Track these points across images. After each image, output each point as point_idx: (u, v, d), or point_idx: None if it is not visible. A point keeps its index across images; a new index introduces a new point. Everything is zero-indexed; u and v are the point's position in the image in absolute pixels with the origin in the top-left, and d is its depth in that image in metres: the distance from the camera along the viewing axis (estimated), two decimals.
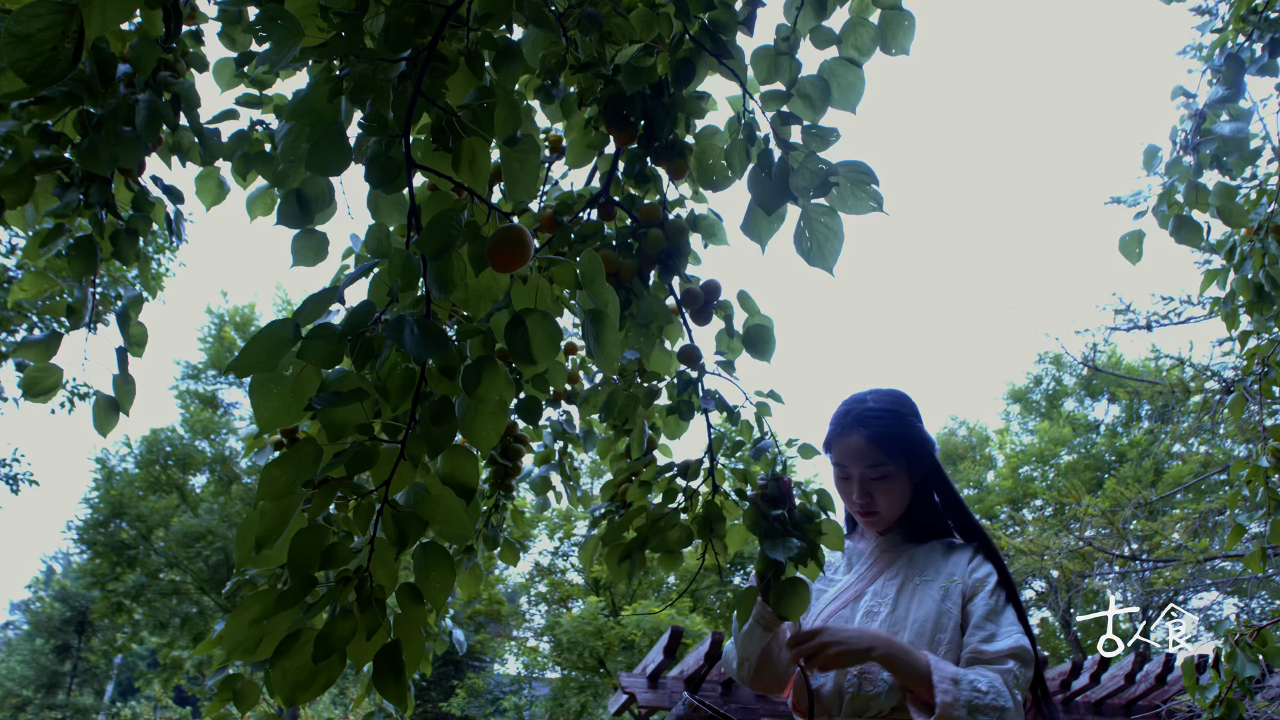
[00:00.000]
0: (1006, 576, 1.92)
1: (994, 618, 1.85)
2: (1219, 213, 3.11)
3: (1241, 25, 3.10)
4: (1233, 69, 3.08)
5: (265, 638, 1.09)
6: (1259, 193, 3.35)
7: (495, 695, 18.31)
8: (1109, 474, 18.06)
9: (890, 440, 1.96)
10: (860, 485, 1.98)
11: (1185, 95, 3.22)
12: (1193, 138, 3.09)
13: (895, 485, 1.98)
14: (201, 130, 2.06)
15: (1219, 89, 3.08)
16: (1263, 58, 3.08)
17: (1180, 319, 11.82)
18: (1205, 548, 10.43)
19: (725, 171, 1.87)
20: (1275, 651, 2.98)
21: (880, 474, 1.96)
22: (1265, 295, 3.18)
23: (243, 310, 19.59)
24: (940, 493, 2.07)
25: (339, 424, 1.13)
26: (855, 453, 1.97)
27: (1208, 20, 3.57)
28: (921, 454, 2.00)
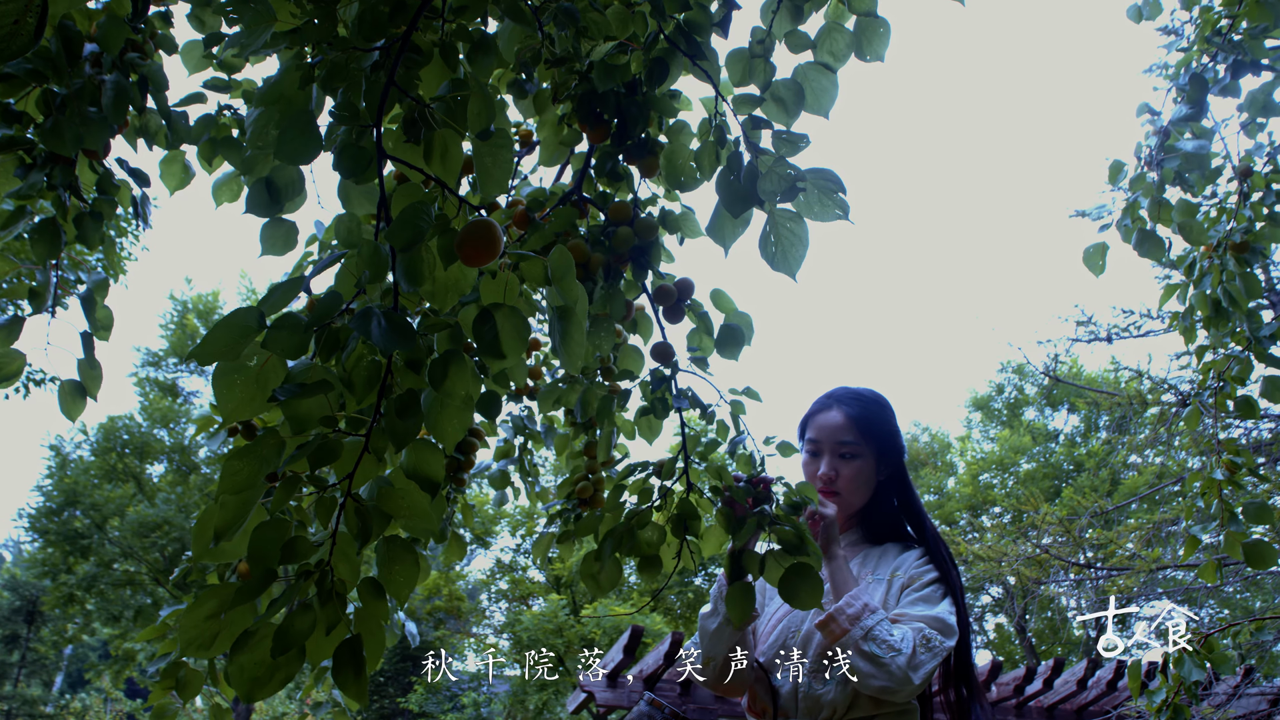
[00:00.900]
0: (950, 578, 1.94)
1: (928, 600, 1.87)
2: (1180, 229, 3.16)
3: (1206, 46, 3.16)
4: (1197, 88, 3.13)
5: (222, 632, 1.07)
6: (1219, 210, 3.41)
7: (454, 692, 18.19)
8: (1067, 483, 18.32)
9: (867, 423, 2.02)
10: (829, 459, 2.01)
11: (1151, 112, 3.27)
12: (1157, 154, 3.14)
13: (861, 469, 2.01)
14: (169, 113, 2.03)
15: (1183, 107, 3.14)
16: (1225, 79, 3.14)
17: (1140, 332, 12.04)
18: (1158, 557, 10.62)
19: (694, 173, 1.88)
20: (1222, 658, 3.04)
21: (850, 451, 2.00)
22: (1222, 311, 3.24)
23: (206, 298, 19.29)
24: (901, 498, 2.09)
25: (303, 416, 1.12)
26: (831, 428, 2.02)
27: (1174, 40, 3.63)
28: (892, 449, 2.04)
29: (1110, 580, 11.74)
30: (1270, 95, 3.23)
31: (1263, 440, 9.99)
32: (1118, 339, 12.18)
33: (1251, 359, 3.32)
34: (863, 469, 2.01)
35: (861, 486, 2.02)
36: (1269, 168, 3.36)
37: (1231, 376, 3.38)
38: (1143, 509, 14.18)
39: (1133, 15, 3.63)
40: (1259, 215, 3.26)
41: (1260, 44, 3.07)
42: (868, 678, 1.71)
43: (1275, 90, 3.24)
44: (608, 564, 1.75)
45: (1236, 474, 3.23)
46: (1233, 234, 3.22)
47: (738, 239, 1.73)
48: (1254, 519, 3.15)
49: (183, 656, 2.09)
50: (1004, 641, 19.31)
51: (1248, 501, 3.20)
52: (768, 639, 1.99)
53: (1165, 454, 13.64)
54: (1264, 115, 3.27)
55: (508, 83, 1.87)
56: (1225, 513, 3.19)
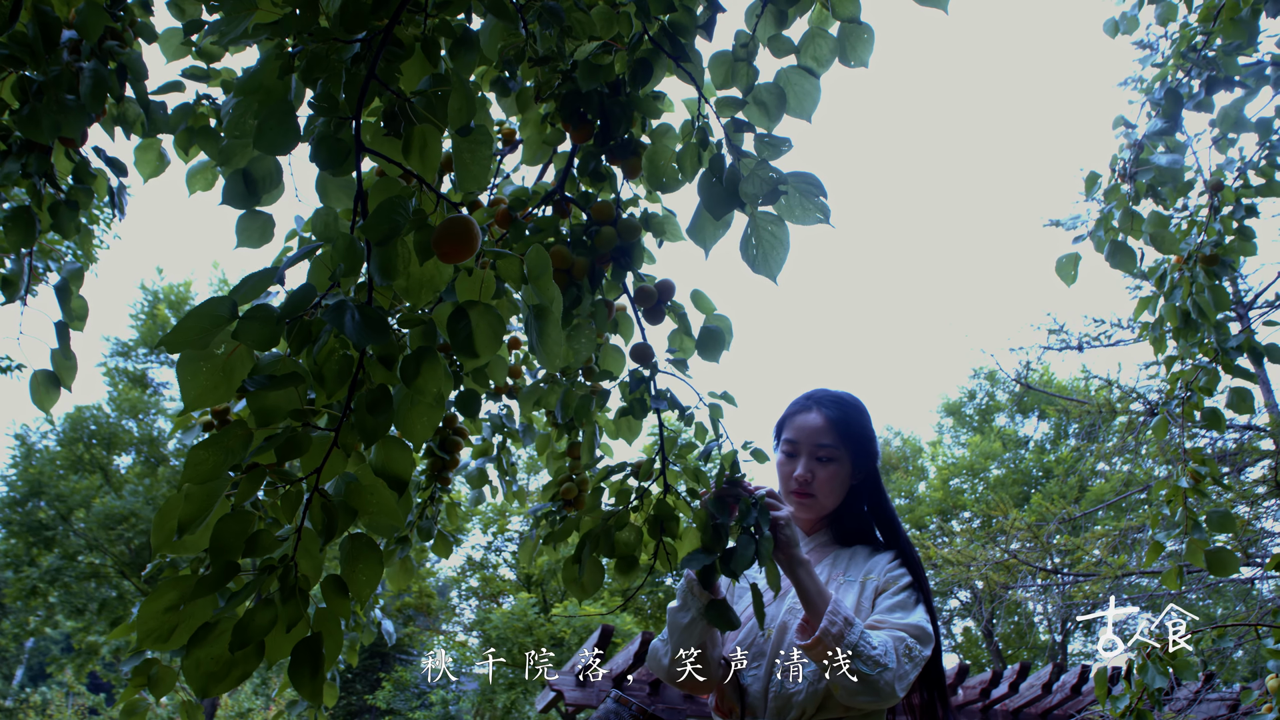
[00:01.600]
0: (920, 582, 1.95)
1: (904, 606, 1.88)
2: (1152, 240, 3.20)
3: (1181, 62, 3.20)
4: (1171, 103, 3.18)
5: (180, 625, 1.06)
6: (1190, 223, 3.46)
7: (423, 689, 18.10)
8: (1036, 489, 18.50)
9: (845, 426, 2.02)
10: (806, 461, 2.01)
11: (1126, 125, 3.31)
12: (1131, 167, 3.18)
13: (838, 472, 2.01)
14: (147, 101, 2.00)
15: (1158, 121, 3.18)
16: (1199, 94, 3.19)
17: (1110, 341, 12.19)
18: (1124, 563, 10.76)
19: (676, 174, 1.88)
20: (1184, 664, 3.08)
21: (828, 455, 2.01)
22: (1191, 323, 3.28)
23: (178, 288, 19.07)
24: (873, 501, 2.10)
25: (271, 408, 1.10)
26: (810, 429, 2.02)
27: (1149, 55, 3.68)
28: (867, 453, 2.05)
29: (1076, 586, 11.88)
30: (1242, 111, 3.28)
31: (1227, 450, 10.14)
32: (1089, 348, 12.33)
33: (1219, 370, 3.37)
34: (839, 472, 2.02)
35: (836, 489, 2.03)
36: (1239, 182, 3.41)
37: (1199, 387, 3.42)
38: (1109, 516, 14.35)
39: (1109, 29, 3.67)
40: (1228, 229, 3.31)
41: (1234, 61, 3.12)
42: (853, 693, 1.71)
43: (1247, 106, 3.29)
44: (588, 566, 1.74)
45: (1201, 483, 3.28)
46: (1203, 247, 3.27)
47: (718, 241, 1.73)
48: (1217, 527, 3.20)
49: (143, 650, 2.06)
50: (971, 645, 19.48)
51: (1211, 510, 3.24)
52: (738, 633, 1.99)
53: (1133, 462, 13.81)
54: (1235, 131, 3.32)
55: (491, 80, 1.87)
56: (1189, 521, 3.23)
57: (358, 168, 1.29)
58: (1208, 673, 6.81)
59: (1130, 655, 3.22)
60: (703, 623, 1.85)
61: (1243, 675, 12.63)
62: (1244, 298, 10.77)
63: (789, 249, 1.67)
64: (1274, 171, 3.39)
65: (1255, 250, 3.33)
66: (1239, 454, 10.18)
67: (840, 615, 1.73)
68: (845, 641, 1.70)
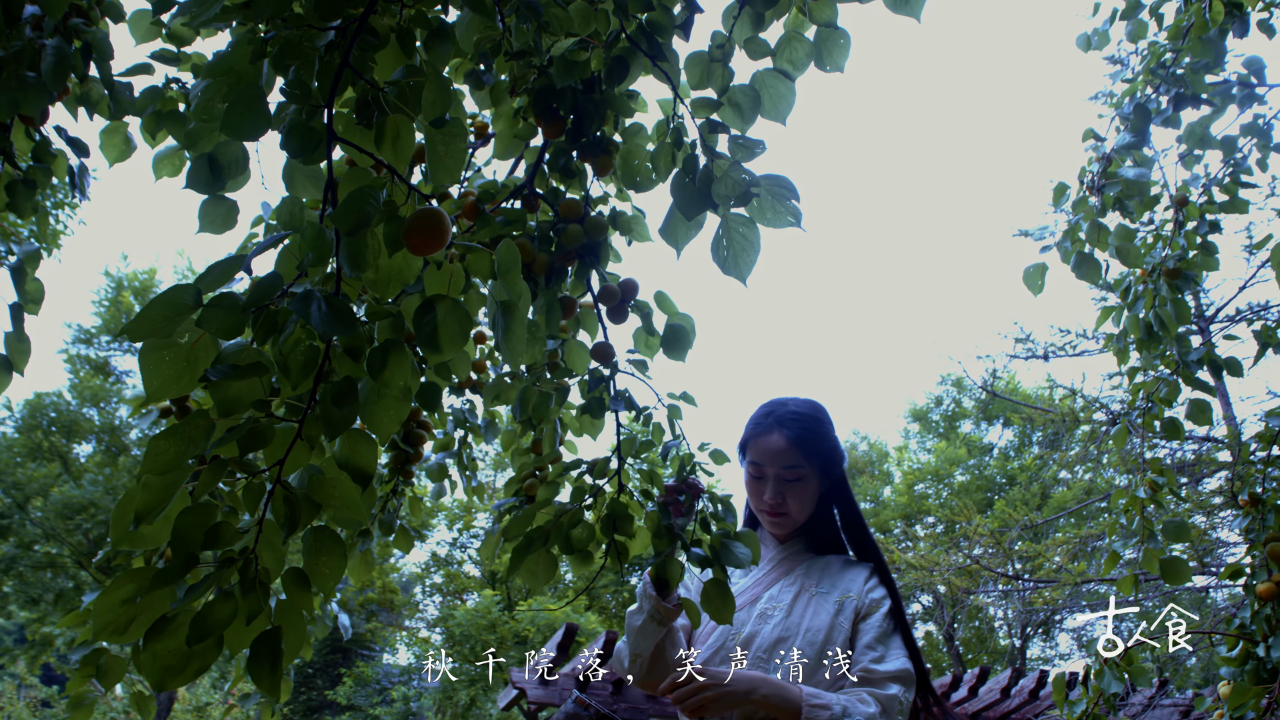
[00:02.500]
0: (898, 602, 1.98)
1: (885, 640, 1.89)
2: (1117, 253, 3.25)
3: (1150, 78, 3.25)
4: (1140, 118, 3.22)
5: (138, 617, 1.04)
6: (1155, 237, 3.51)
7: (383, 685, 17.96)
8: (999, 496, 18.71)
9: (809, 443, 2.00)
10: (774, 485, 2.01)
11: (1095, 138, 3.36)
12: (1099, 179, 3.23)
13: (808, 489, 2.01)
14: (112, 83, 1.97)
15: (1126, 135, 3.23)
16: (1167, 110, 3.24)
17: (1075, 351, 12.36)
18: (1083, 570, 10.91)
19: (650, 173, 1.87)
20: (1140, 670, 3.13)
21: (796, 475, 2.00)
22: (1154, 335, 3.33)
23: (142, 275, 18.78)
24: (842, 507, 2.11)
25: (234, 398, 1.09)
26: (774, 452, 2.00)
27: (1120, 70, 3.74)
28: (833, 463, 2.05)
29: (1036, 592, 12.03)
30: (1208, 129, 3.34)
31: (1185, 461, 10.32)
32: (1054, 357, 12.50)
33: (1179, 382, 3.43)
34: (808, 487, 2.02)
35: (808, 504, 2.03)
36: (1203, 199, 3.47)
37: (1160, 398, 3.48)
38: (1070, 524, 14.55)
39: (1081, 44, 3.72)
40: (1192, 244, 3.36)
41: (1201, 79, 3.17)
42: None
43: (1213, 124, 3.35)
44: (541, 557, 1.74)
45: (1159, 493, 3.33)
46: (1167, 260, 3.32)
47: (690, 241, 1.73)
48: (1172, 537, 3.25)
49: (98, 641, 2.03)
50: (932, 649, 19.67)
51: (1168, 520, 3.29)
52: (706, 640, 1.99)
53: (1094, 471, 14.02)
54: (1201, 148, 3.38)
55: (465, 73, 1.85)
56: (1146, 529, 3.28)
57: (329, 157, 1.27)
58: (1162, 679, 6.93)
59: (1087, 661, 3.27)
60: (655, 625, 1.84)
61: (1195, 682, 12.86)
62: (1205, 312, 10.97)
63: (760, 251, 1.68)
64: (1237, 189, 3.45)
65: (1217, 265, 3.39)
66: (1197, 465, 10.36)
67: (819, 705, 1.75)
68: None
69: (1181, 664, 10.54)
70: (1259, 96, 3.37)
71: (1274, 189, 9.95)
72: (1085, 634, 17.58)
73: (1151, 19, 3.47)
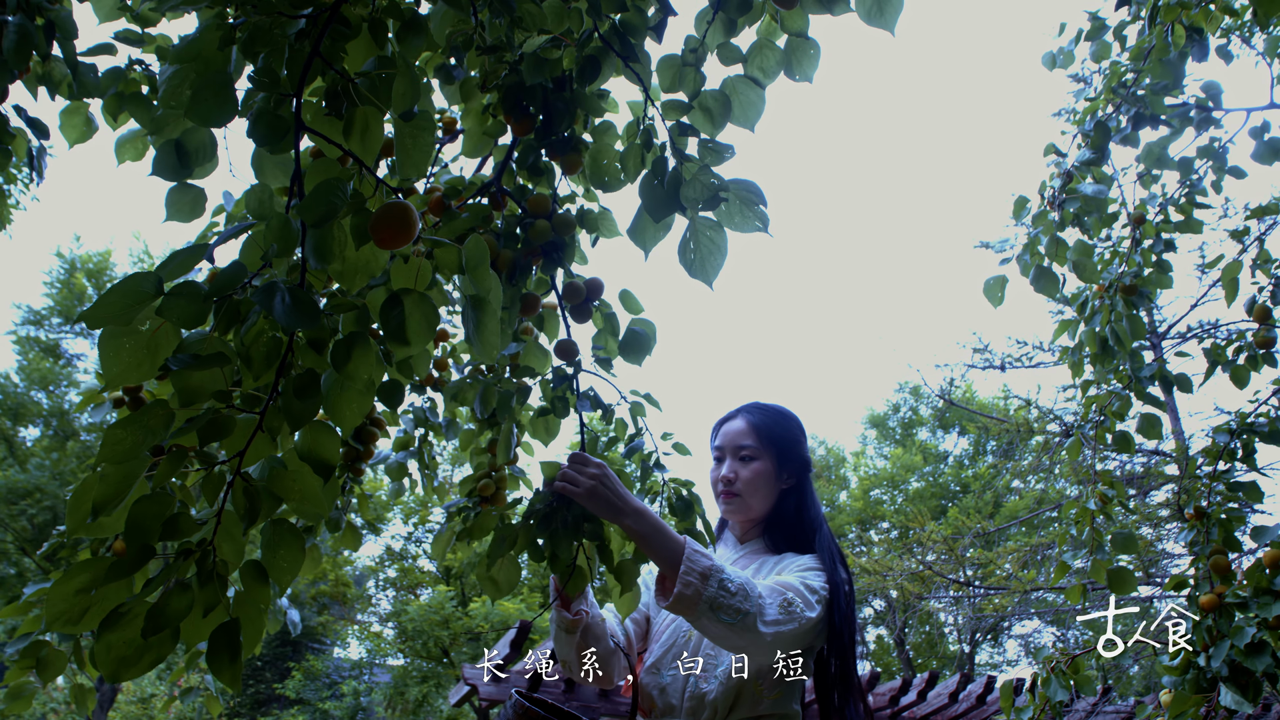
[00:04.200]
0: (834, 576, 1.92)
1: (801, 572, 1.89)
2: (1075, 267, 3.31)
3: (1112, 97, 3.32)
4: (1100, 136, 3.29)
5: (92, 608, 1.02)
6: (1112, 253, 3.59)
7: (334, 679, 17.77)
8: (953, 503, 18.96)
9: (766, 430, 2.08)
10: (730, 463, 2.08)
11: (1057, 154, 3.42)
12: (1059, 194, 3.29)
13: (760, 472, 2.05)
14: (75, 63, 1.93)
15: (1087, 152, 3.29)
16: (1127, 129, 3.31)
17: (1031, 363, 12.57)
18: (1033, 579, 11.09)
19: (618, 174, 1.88)
20: (1085, 679, 3.20)
21: (749, 454, 2.07)
22: (1109, 349, 3.40)
23: (96, 257, 18.39)
24: (803, 509, 2.11)
25: (194, 388, 1.08)
26: (733, 433, 2.09)
27: (1082, 88, 3.81)
28: (793, 458, 2.08)
29: (986, 599, 12.21)
30: (1166, 150, 3.42)
31: (1135, 474, 10.54)
32: (1010, 368, 12.70)
33: (1131, 397, 3.50)
34: (760, 471, 2.06)
35: (761, 488, 2.05)
36: (1160, 217, 3.55)
37: (1112, 412, 3.55)
38: (1021, 532, 14.78)
39: (1047, 62, 3.79)
40: (1148, 261, 3.44)
41: (1160, 100, 3.24)
42: (722, 640, 1.69)
43: (1171, 145, 3.43)
44: (505, 563, 1.73)
45: (1108, 505, 3.40)
46: (1123, 276, 3.39)
47: (658, 243, 1.74)
48: (1120, 548, 3.32)
49: (48, 631, 1.98)
50: (883, 653, 19.88)
51: (1116, 531, 3.36)
52: (660, 638, 2.00)
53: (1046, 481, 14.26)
54: (1159, 167, 3.46)
55: (435, 66, 1.84)
56: (1094, 541, 3.35)
57: (296, 146, 1.26)
58: (1105, 686, 7.07)
59: (1034, 668, 3.33)
60: (564, 633, 1.83)
61: (1137, 690, 13.14)
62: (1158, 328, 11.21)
63: (727, 255, 1.69)
64: (1192, 209, 3.53)
65: (1171, 283, 3.47)
66: (1145, 478, 10.59)
67: (695, 571, 1.63)
68: (704, 598, 1.61)
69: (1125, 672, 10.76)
70: (1215, 120, 3.46)
71: (1227, 210, 10.21)
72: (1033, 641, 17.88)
73: (1115, 40, 3.55)
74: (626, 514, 1.64)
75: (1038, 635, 17.58)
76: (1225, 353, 3.35)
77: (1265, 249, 3.32)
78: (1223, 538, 2.99)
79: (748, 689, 1.85)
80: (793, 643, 1.75)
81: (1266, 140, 3.37)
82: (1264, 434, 3.10)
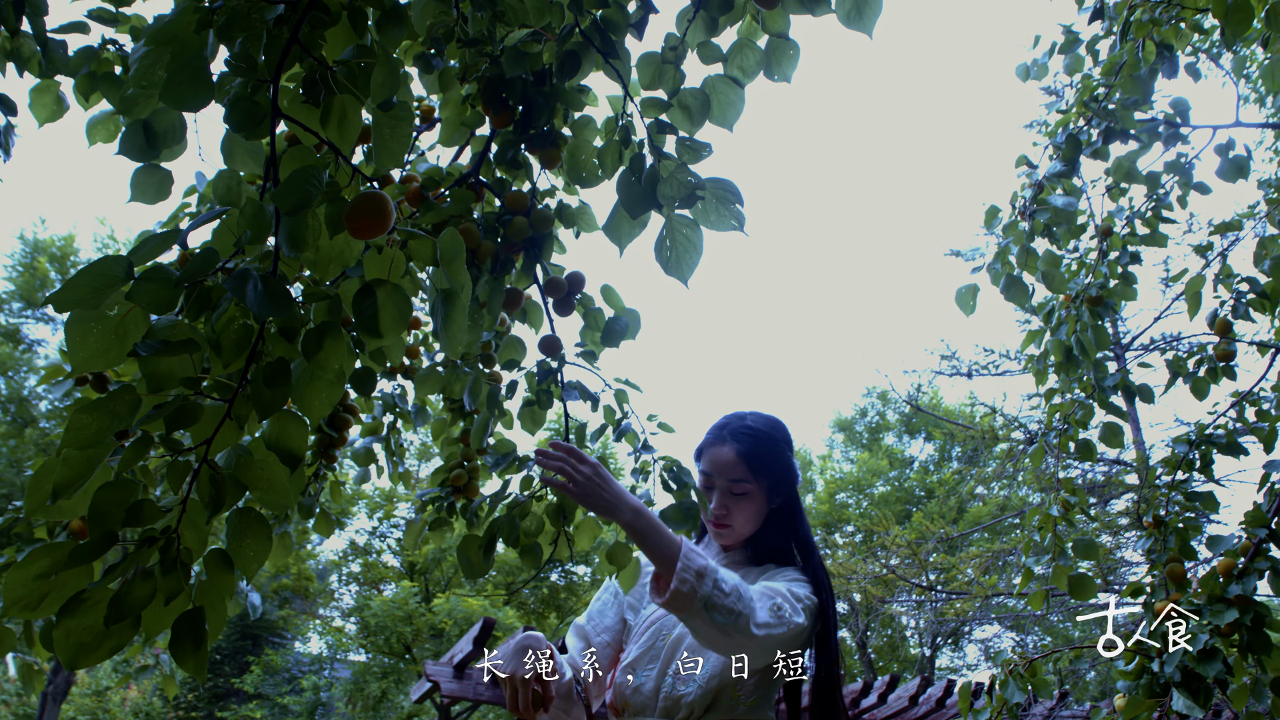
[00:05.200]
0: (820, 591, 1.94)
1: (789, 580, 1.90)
2: (1043, 277, 3.36)
3: (1084, 110, 3.37)
4: (1071, 148, 3.34)
5: (51, 593, 1.00)
6: (1079, 264, 3.64)
7: (294, 674, 17.60)
8: (917, 508, 19.14)
9: (758, 460, 2.00)
10: (720, 497, 2.01)
11: (1029, 165, 3.47)
12: (1030, 205, 3.33)
13: (753, 504, 2.01)
14: (46, 39, 1.89)
15: (1057, 164, 3.34)
16: (1097, 142, 3.36)
17: (998, 371, 12.74)
18: (994, 584, 11.23)
19: (596, 169, 1.88)
20: (1042, 683, 3.25)
21: (741, 490, 1.99)
22: (1073, 359, 3.45)
23: (60, 241, 18.06)
24: (792, 525, 2.11)
25: (163, 374, 1.06)
26: (723, 464, 2.00)
27: (1055, 101, 3.86)
28: (783, 481, 2.05)
29: (948, 603, 12.34)
30: (1134, 164, 3.47)
31: (1096, 482, 10.70)
32: (977, 375, 12.86)
33: (1094, 406, 3.56)
34: (753, 504, 2.01)
35: (752, 519, 2.03)
36: (1127, 230, 3.61)
37: (1075, 420, 3.60)
38: (984, 538, 14.96)
39: (1020, 74, 3.84)
40: (1114, 273, 3.49)
41: (1130, 115, 3.30)
42: (713, 643, 1.69)
43: (1139, 160, 3.49)
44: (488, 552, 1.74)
45: (1070, 512, 3.45)
46: (1089, 288, 3.44)
47: (634, 240, 1.74)
48: (1082, 555, 3.37)
49: (5, 617, 1.95)
50: (846, 655, 20.02)
51: (1078, 538, 3.41)
52: (639, 639, 1.99)
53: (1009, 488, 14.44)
54: (1127, 181, 3.51)
55: (414, 56, 1.83)
56: (1057, 548, 3.39)
57: (272, 133, 1.25)
58: (1062, 691, 7.18)
59: (993, 671, 3.37)
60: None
61: (1093, 695, 13.34)
62: (1122, 339, 11.39)
63: (702, 253, 1.69)
64: (1158, 223, 3.60)
65: (1135, 295, 3.53)
66: (1106, 486, 10.75)
67: (693, 569, 1.63)
68: (699, 596, 1.62)
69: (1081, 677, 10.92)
70: (1183, 136, 3.52)
71: (1191, 226, 10.40)
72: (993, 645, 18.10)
73: (1088, 54, 3.60)
74: (624, 511, 1.65)
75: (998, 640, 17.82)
76: (1186, 365, 3.41)
77: (1228, 264, 3.38)
78: (1179, 546, 3.04)
79: (726, 694, 1.85)
80: (781, 646, 1.76)
81: (1231, 158, 3.44)
82: (1221, 445, 3.16)
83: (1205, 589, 2.73)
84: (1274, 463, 2.82)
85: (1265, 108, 8.52)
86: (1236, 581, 2.67)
